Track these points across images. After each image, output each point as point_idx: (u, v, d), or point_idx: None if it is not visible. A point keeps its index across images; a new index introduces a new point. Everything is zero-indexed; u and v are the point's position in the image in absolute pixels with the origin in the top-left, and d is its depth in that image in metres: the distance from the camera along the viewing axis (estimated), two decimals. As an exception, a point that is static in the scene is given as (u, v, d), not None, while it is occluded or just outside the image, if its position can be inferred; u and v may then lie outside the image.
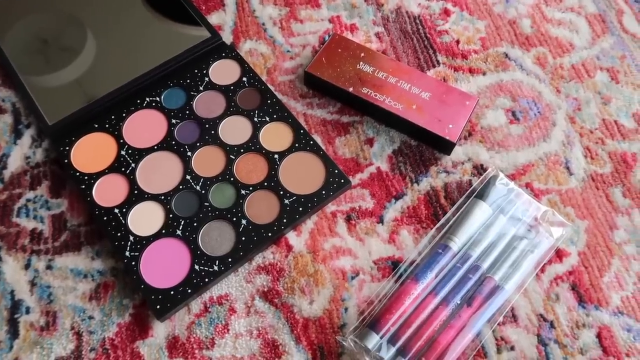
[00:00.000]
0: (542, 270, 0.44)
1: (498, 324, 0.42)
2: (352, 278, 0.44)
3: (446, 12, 0.58)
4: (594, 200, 0.48)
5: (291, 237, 0.45)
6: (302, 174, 0.46)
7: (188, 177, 0.46)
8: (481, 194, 0.46)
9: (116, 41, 0.52)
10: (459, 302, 0.42)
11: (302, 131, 0.48)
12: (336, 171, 0.46)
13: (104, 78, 0.50)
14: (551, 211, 0.46)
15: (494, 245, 0.44)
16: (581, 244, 0.46)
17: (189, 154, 0.47)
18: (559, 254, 0.45)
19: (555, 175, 0.49)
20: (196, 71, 0.51)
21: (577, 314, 0.43)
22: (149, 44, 0.52)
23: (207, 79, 0.51)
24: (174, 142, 0.48)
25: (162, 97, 0.50)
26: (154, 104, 0.49)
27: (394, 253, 0.45)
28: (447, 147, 0.49)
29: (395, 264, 0.44)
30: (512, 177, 0.49)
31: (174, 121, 0.49)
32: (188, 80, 0.51)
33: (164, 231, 0.43)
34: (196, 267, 0.42)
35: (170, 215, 0.44)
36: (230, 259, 0.42)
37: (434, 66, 0.54)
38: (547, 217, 0.46)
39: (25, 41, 0.52)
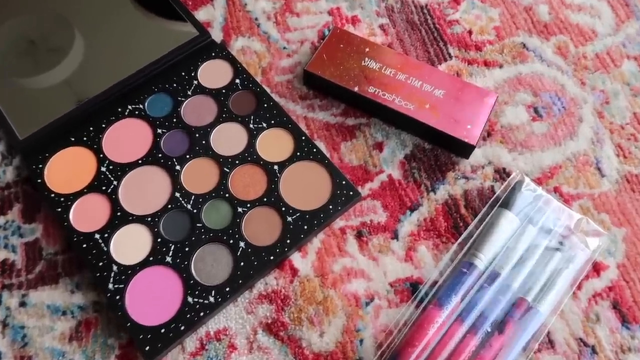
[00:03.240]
0: (579, 287, 0.40)
1: (534, 352, 0.37)
2: (367, 304, 0.39)
3: (456, 0, 0.53)
4: (630, 205, 0.43)
5: (296, 259, 0.40)
6: (305, 187, 0.41)
7: (177, 194, 0.41)
8: (506, 203, 0.41)
9: (96, 44, 0.47)
10: (489, 329, 0.37)
11: (303, 138, 0.43)
12: (344, 182, 0.41)
13: (81, 86, 0.44)
14: (585, 219, 0.41)
15: (524, 260, 0.39)
16: (620, 255, 0.41)
17: (178, 167, 0.42)
18: (596, 268, 0.40)
19: (586, 178, 0.44)
20: (183, 74, 0.46)
21: (621, 336, 0.38)
22: (131, 46, 0.47)
23: (195, 82, 0.46)
24: (160, 155, 0.42)
25: (145, 105, 0.45)
26: (137, 113, 0.44)
27: (412, 273, 0.40)
28: (465, 150, 0.44)
29: (414, 285, 0.39)
30: (538, 181, 0.44)
31: (159, 131, 0.43)
32: (175, 85, 0.45)
33: (151, 258, 0.38)
34: (189, 299, 0.37)
35: (159, 240, 0.39)
36: (228, 289, 0.37)
37: (445, 60, 0.49)
38: (582, 225, 0.41)
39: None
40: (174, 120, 0.44)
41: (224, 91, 0.45)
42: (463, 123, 0.43)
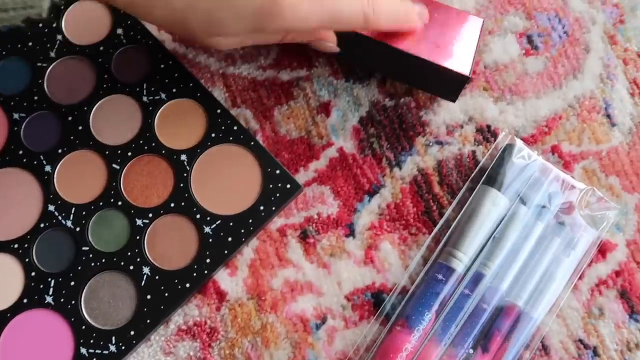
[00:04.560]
0: (581, 276, 0.32)
1: (525, 364, 0.30)
2: (318, 327, 0.30)
3: None
4: (646, 161, 0.34)
5: (222, 278, 0.31)
6: (226, 182, 0.30)
7: (51, 207, 0.30)
8: (492, 178, 0.32)
9: None
10: (471, 350, 0.29)
11: (219, 110, 0.32)
12: (278, 171, 0.31)
13: None
14: (592, 190, 0.32)
15: (514, 254, 0.31)
16: (630, 229, 0.33)
17: (48, 168, 0.30)
18: (602, 248, 0.32)
19: (592, 129, 0.34)
20: (41, 26, 0.32)
21: (627, 332, 0.31)
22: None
23: (59, 37, 0.32)
24: (21, 152, 0.31)
25: (-7, 76, 0.32)
26: (-19, 90, 0.32)
27: (374, 279, 0.31)
28: (454, 86, 0.32)
29: (377, 296, 0.31)
30: (532, 139, 0.34)
31: (16, 116, 0.31)
32: (30, 43, 0.32)
33: (25, 300, 0.29)
34: (83, 350, 0.28)
35: (33, 274, 0.29)
36: (132, 332, 0.28)
37: (409, -26, 0.36)
38: (587, 199, 0.32)
39: None
40: (35, 97, 0.31)
41: (101, 48, 0.32)
42: (447, 49, 0.31)
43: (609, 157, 0.34)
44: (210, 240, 0.30)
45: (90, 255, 0.29)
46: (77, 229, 0.30)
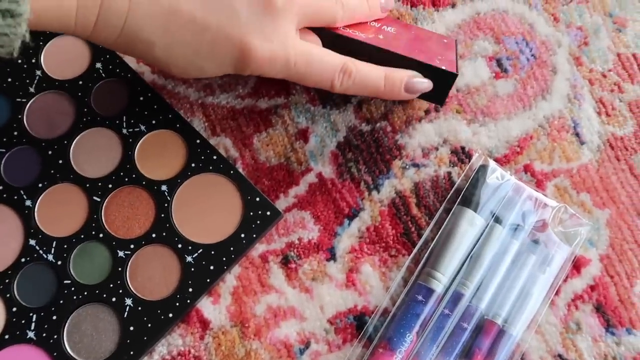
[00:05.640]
0: (557, 291, 0.33)
1: (505, 381, 0.31)
2: (302, 352, 0.31)
3: None
4: (614, 177, 0.35)
5: (205, 306, 0.31)
6: (207, 211, 0.31)
7: (32, 241, 0.30)
8: (468, 200, 0.32)
9: None
10: (452, 368, 0.30)
11: (198, 140, 0.32)
12: (258, 199, 0.31)
13: None
14: (564, 207, 0.33)
15: (491, 273, 0.31)
16: (603, 244, 0.34)
17: (28, 203, 0.31)
18: (577, 264, 0.33)
19: (562, 148, 0.36)
20: (20, 61, 0.33)
21: (604, 345, 0.32)
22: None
23: (39, 72, 0.33)
24: (1, 187, 0.31)
25: (-28, 113, 0.32)
26: (-40, 126, 0.32)
27: (356, 302, 0.32)
28: (443, 86, 0.32)
29: (359, 319, 0.31)
30: (505, 159, 0.35)
31: (-4, 151, 0.31)
32: (9, 79, 0.33)
33: (7, 336, 0.29)
34: (65, 386, 0.28)
35: (14, 309, 0.29)
36: (116, 365, 0.28)
37: (381, 2, 0.37)
38: (559, 216, 0.33)
39: None
40: (15, 132, 0.32)
41: (80, 82, 0.33)
42: (431, 53, 0.32)
43: (579, 174, 0.35)
44: (193, 269, 0.30)
45: (72, 289, 0.29)
46: (59, 262, 0.30)
